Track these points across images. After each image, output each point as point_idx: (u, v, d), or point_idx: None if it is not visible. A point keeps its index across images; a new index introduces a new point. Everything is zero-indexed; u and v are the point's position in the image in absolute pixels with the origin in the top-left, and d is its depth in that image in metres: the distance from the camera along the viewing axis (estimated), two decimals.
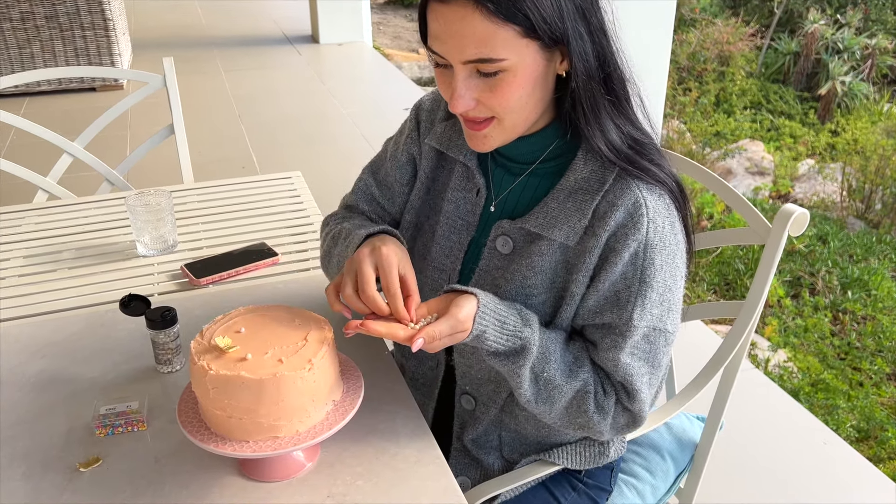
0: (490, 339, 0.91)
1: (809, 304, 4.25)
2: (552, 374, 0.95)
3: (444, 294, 0.93)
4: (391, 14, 10.76)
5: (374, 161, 1.20)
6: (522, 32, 0.84)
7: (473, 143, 0.97)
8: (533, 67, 0.88)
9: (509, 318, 0.93)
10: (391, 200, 1.16)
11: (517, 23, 0.83)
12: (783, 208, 1.08)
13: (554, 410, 0.98)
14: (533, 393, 0.96)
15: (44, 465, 0.94)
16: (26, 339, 1.19)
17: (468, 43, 0.85)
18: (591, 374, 0.98)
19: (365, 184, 1.19)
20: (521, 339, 0.93)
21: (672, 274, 0.95)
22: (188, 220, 1.68)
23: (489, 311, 0.91)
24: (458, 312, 0.88)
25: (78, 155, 1.87)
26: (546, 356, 0.94)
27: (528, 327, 0.93)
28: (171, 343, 1.09)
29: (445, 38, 0.87)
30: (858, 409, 3.13)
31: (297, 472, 0.92)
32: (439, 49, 0.88)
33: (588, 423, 0.99)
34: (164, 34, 6.39)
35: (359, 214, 1.18)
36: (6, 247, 1.57)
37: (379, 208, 1.18)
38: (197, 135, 3.94)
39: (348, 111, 4.60)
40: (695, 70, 9.48)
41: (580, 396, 0.97)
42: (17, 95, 4.65)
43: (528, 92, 0.89)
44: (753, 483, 1.94)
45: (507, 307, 0.94)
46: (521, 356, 0.93)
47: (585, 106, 0.91)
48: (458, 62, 0.88)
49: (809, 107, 9.27)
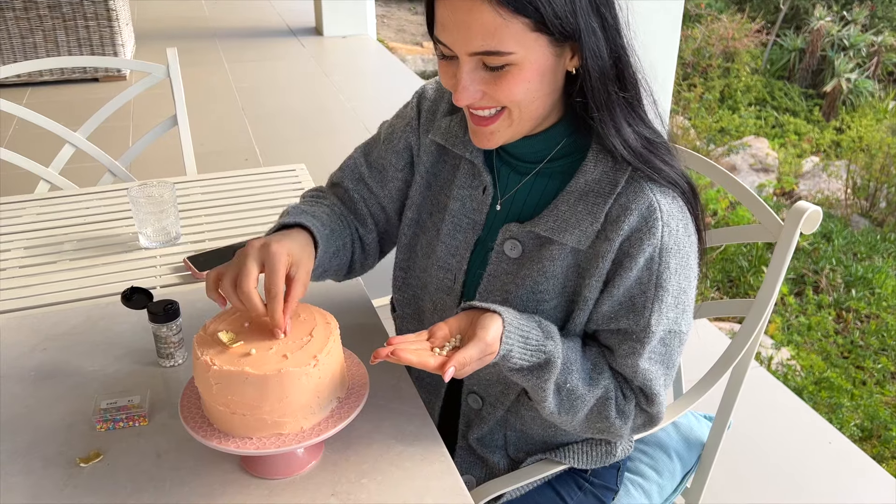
0: (516, 357, 0.88)
1: (813, 301, 4.23)
2: (575, 383, 0.93)
3: (464, 312, 0.90)
4: (395, 7, 10.72)
5: (369, 142, 1.17)
6: (532, 26, 0.82)
7: (478, 139, 0.94)
8: (541, 62, 0.86)
9: (532, 332, 0.90)
10: (381, 184, 1.13)
11: (527, 15, 0.81)
12: (796, 206, 1.07)
13: (576, 419, 0.97)
14: (556, 404, 0.94)
15: (44, 460, 0.92)
16: (27, 332, 1.17)
17: (475, 34, 0.83)
18: (611, 380, 0.97)
19: (355, 162, 1.15)
20: (546, 353, 0.90)
21: (686, 276, 0.94)
22: (191, 212, 1.66)
23: (514, 329, 0.88)
24: (486, 336, 0.85)
25: (80, 145, 1.85)
26: (568, 367, 0.92)
27: (550, 340, 0.91)
28: (173, 337, 1.07)
29: (452, 29, 0.84)
30: (862, 407, 3.12)
31: (301, 469, 0.90)
32: (446, 39, 0.86)
33: (609, 428, 0.98)
34: (168, 25, 6.36)
35: (330, 196, 1.15)
36: (7, 238, 1.56)
37: (365, 189, 1.14)
38: (200, 126, 3.92)
39: (352, 104, 4.58)
40: (700, 66, 9.44)
41: (601, 403, 0.96)
42: (19, 85, 4.63)
43: (534, 86, 0.87)
44: (759, 482, 1.93)
45: (527, 321, 0.91)
46: (546, 370, 0.91)
47: (599, 104, 0.88)
48: (463, 53, 0.85)
49: (814, 104, 9.23)
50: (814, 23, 9.80)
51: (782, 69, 9.84)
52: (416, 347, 0.84)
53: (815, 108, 9.14)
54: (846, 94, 9.08)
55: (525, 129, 0.94)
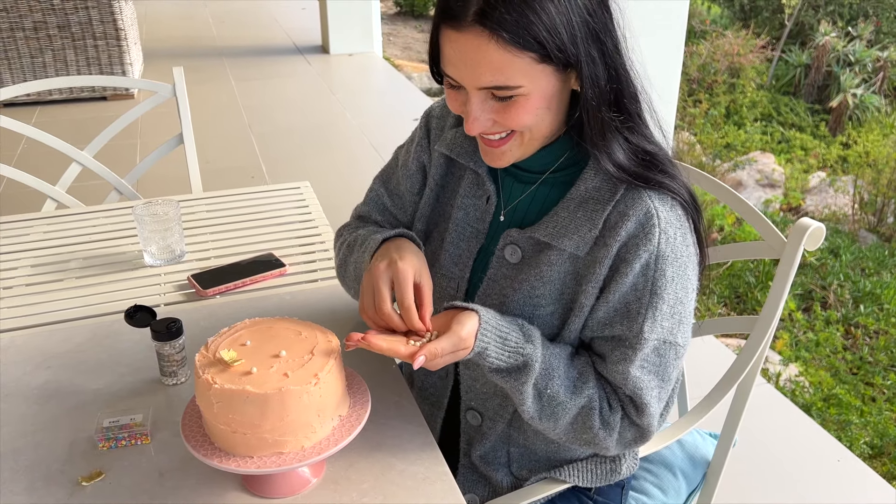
0: (492, 356, 0.91)
1: (821, 317, 4.20)
2: (556, 390, 0.94)
3: (445, 310, 0.93)
4: (401, 25, 10.80)
5: (385, 170, 1.19)
6: (538, 59, 0.84)
7: (490, 159, 0.96)
8: (548, 89, 0.88)
9: (511, 334, 0.92)
10: (402, 210, 1.16)
11: (532, 50, 0.83)
12: (799, 222, 1.06)
13: (559, 426, 0.97)
14: (536, 409, 0.95)
15: (46, 478, 0.92)
16: (31, 350, 1.18)
17: (484, 71, 0.85)
18: (596, 390, 0.96)
19: (376, 194, 1.18)
20: (524, 356, 0.92)
21: (683, 286, 0.94)
22: (196, 230, 1.67)
23: (490, 328, 0.90)
24: (461, 330, 0.88)
25: (87, 164, 1.87)
26: (549, 372, 0.93)
27: (530, 343, 0.92)
28: (176, 355, 1.07)
29: (460, 65, 0.86)
30: (872, 424, 3.09)
31: (302, 488, 0.90)
32: (453, 74, 0.88)
33: (594, 439, 0.98)
34: (176, 44, 6.42)
35: (372, 224, 1.18)
36: (14, 256, 1.57)
37: (391, 218, 1.17)
38: (206, 144, 3.94)
39: (358, 121, 4.61)
40: (705, 82, 9.46)
41: (585, 412, 0.96)
42: (28, 104, 4.68)
43: (542, 111, 0.89)
44: (765, 500, 1.91)
45: (508, 323, 0.93)
46: (523, 373, 0.92)
47: (593, 130, 0.90)
48: (472, 88, 0.87)
49: (820, 119, 9.23)
50: (819, 38, 9.82)
51: (788, 84, 9.85)
52: (388, 337, 0.88)
53: (822, 124, 9.14)
54: (852, 110, 9.08)
55: (535, 147, 0.96)
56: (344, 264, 1.12)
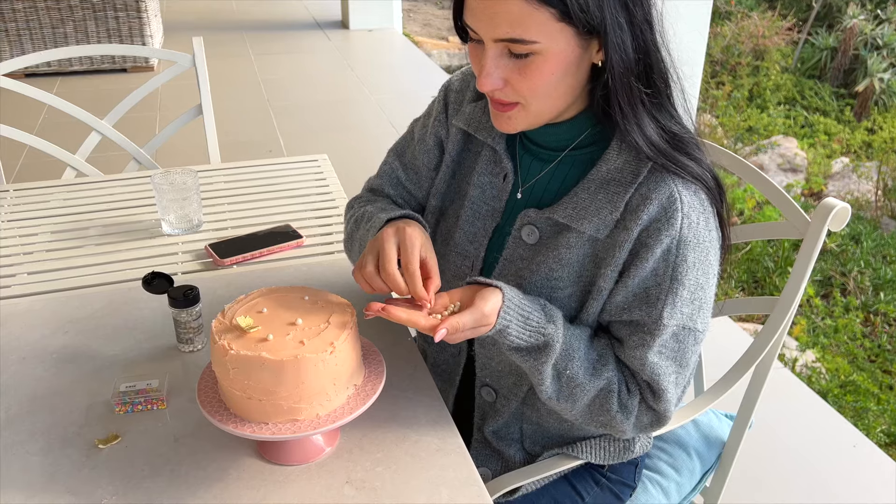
0: (513, 335, 0.90)
1: (840, 304, 4.16)
2: (575, 371, 0.93)
3: (468, 285, 0.91)
4: (421, 1, 10.71)
5: (400, 143, 1.18)
6: (558, 16, 0.82)
7: (498, 122, 0.95)
8: (566, 53, 0.85)
9: (533, 313, 0.91)
10: (417, 185, 1.14)
11: (552, 6, 0.81)
12: (824, 202, 1.04)
13: (576, 408, 0.96)
14: (555, 390, 0.94)
15: (63, 440, 0.93)
16: (50, 315, 1.19)
17: (501, 21, 0.83)
18: (615, 373, 0.95)
19: (391, 167, 1.17)
20: (545, 336, 0.90)
21: (704, 272, 0.92)
22: (214, 201, 1.67)
23: (514, 307, 0.89)
24: (484, 306, 0.87)
25: (107, 133, 1.87)
26: (569, 353, 0.92)
27: (551, 324, 0.91)
28: (192, 322, 1.08)
29: (480, 15, 0.85)
30: (889, 412, 3.06)
31: (316, 456, 0.90)
32: (472, 24, 0.87)
33: (611, 422, 0.97)
34: (196, 18, 6.41)
35: (383, 198, 1.17)
36: (35, 222, 1.58)
37: (405, 192, 1.16)
38: (225, 117, 3.94)
39: (377, 97, 4.59)
40: (728, 64, 9.32)
41: (603, 395, 0.95)
42: (50, 75, 4.70)
43: (557, 78, 0.87)
44: (779, 483, 1.90)
45: (531, 302, 0.91)
46: (544, 353, 0.91)
47: (622, 99, 0.88)
48: (489, 39, 0.86)
49: (846, 104, 9.07)
50: (847, 21, 9.63)
51: (813, 68, 9.68)
52: (409, 309, 0.87)
53: (847, 108, 8.98)
54: (879, 94, 8.91)
55: (544, 119, 0.93)
56: (351, 238, 1.11)
